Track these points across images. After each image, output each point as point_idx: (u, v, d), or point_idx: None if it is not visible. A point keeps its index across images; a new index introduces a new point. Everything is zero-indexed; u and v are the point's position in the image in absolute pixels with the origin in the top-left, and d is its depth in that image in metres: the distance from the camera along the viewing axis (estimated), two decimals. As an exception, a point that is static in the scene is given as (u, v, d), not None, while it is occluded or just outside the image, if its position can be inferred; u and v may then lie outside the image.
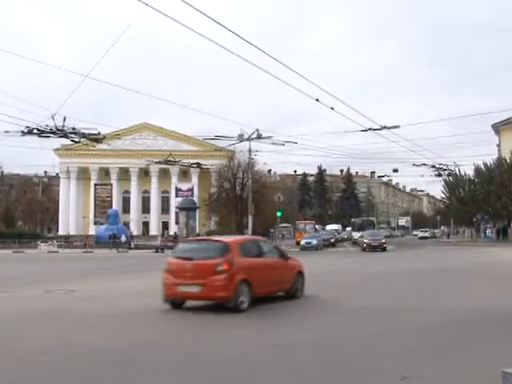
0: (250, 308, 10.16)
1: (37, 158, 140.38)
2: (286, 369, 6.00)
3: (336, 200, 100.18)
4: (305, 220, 65.91)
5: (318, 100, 18.97)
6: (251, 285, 10.30)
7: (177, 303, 10.61)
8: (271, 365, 6.23)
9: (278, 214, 50.29)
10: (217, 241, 11.35)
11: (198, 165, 38.33)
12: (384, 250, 37.39)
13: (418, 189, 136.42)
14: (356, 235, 51.38)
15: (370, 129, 23.77)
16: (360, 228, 53.44)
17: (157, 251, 40.88)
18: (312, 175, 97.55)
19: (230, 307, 9.93)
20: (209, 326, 8.85)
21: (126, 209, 72.55)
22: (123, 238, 47.49)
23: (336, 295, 12.57)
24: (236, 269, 10.16)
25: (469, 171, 56.82)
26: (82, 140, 22.46)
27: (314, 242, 41.51)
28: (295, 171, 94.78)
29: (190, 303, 10.77)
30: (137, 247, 44.95)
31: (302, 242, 42.02)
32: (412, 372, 5.62)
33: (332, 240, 48.19)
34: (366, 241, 39.00)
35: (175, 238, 49.18)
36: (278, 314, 10.04)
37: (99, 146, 41.07)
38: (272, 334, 8.05)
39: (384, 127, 23.51)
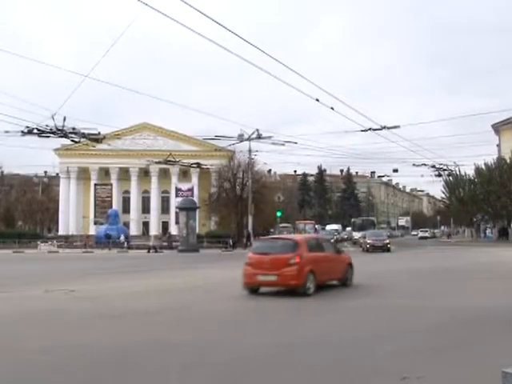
0: (315, 293, 12.41)
1: (37, 158, 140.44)
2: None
3: (336, 200, 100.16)
4: (305, 220, 65.88)
5: (317, 100, 18.99)
6: (315, 274, 12.58)
7: (253, 289, 12.92)
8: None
9: (278, 214, 50.30)
10: (288, 239, 14.23)
11: (198, 165, 38.34)
12: (388, 250, 35.64)
13: (418, 189, 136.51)
14: (356, 235, 50.81)
15: (369, 129, 23.81)
16: (360, 228, 53.19)
17: (149, 251, 40.76)
18: (312, 175, 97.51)
19: (300, 292, 12.16)
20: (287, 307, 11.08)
21: (126, 209, 72.52)
22: (122, 238, 47.54)
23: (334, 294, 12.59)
24: (304, 261, 12.46)
25: (469, 171, 56.90)
26: (82, 140, 22.49)
27: None
28: (295, 171, 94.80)
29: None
30: (129, 247, 44.87)
31: None
32: (412, 372, 5.62)
33: (331, 240, 47.39)
34: (368, 241, 37.09)
35: (169, 238, 49.32)
36: (335, 295, 12.76)
37: (99, 146, 41.09)
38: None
39: (384, 127, 23.55)
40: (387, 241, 37.80)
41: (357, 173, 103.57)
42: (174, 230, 61.91)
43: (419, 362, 6.15)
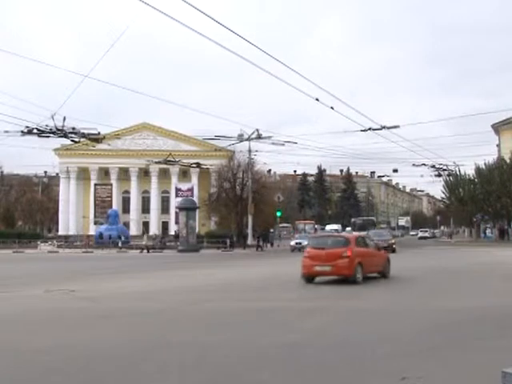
0: (362, 282, 14.80)
1: (37, 158, 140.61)
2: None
3: (336, 200, 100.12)
4: (304, 220, 65.92)
5: (317, 100, 19.01)
6: (363, 266, 14.98)
7: (309, 279, 15.16)
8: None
9: (278, 214, 50.29)
10: (341, 236, 18.04)
11: (198, 165, 38.35)
12: (393, 251, 32.56)
13: (418, 189, 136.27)
14: None
15: (369, 129, 23.82)
16: (361, 228, 52.76)
17: (142, 251, 40.74)
18: (312, 175, 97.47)
19: (351, 281, 14.49)
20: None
21: (126, 209, 72.53)
22: (121, 238, 47.57)
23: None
24: (354, 255, 14.74)
25: (469, 171, 56.89)
26: (82, 140, 22.53)
27: (305, 242, 39.57)
28: (295, 171, 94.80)
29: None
30: (129, 247, 44.90)
31: (292, 243, 40.27)
32: (412, 372, 5.62)
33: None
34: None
35: (162, 238, 49.37)
36: (379, 284, 15.30)
37: (99, 146, 41.13)
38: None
39: (384, 127, 23.56)
40: (392, 241, 36.51)
41: (357, 173, 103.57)
42: (170, 230, 62.05)
43: (419, 362, 6.15)
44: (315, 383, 5.62)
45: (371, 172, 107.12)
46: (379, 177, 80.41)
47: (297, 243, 39.45)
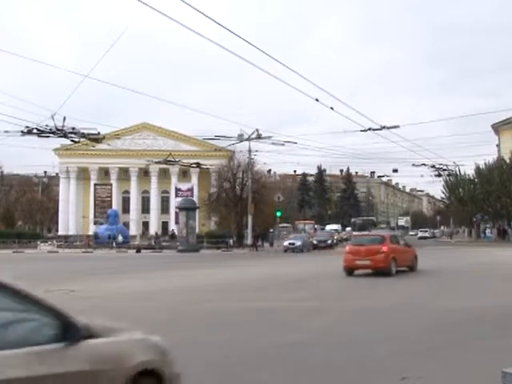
0: (395, 274, 17.12)
1: (37, 158, 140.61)
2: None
3: (336, 200, 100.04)
4: (304, 220, 65.87)
5: (317, 100, 19.01)
6: (396, 260, 17.34)
7: (350, 272, 17.46)
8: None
9: (278, 214, 50.19)
10: (378, 235, 20.89)
11: (198, 165, 38.35)
12: None
13: (418, 189, 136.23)
14: None
15: (369, 129, 23.81)
16: (361, 228, 52.47)
17: (138, 251, 40.73)
18: (312, 175, 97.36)
19: (386, 273, 16.77)
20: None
21: (126, 209, 72.49)
22: (120, 238, 47.63)
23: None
24: (389, 251, 17.23)
25: (469, 171, 56.87)
26: (82, 140, 22.55)
27: (298, 243, 38.55)
28: (295, 171, 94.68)
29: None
30: (128, 247, 44.99)
31: (285, 243, 39.59)
32: (412, 372, 5.62)
33: (329, 241, 44.72)
34: None
35: (157, 239, 49.41)
36: (410, 276, 17.66)
37: (99, 146, 41.11)
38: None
39: (384, 127, 23.55)
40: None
41: (356, 173, 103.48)
42: (161, 230, 61.97)
43: (419, 362, 6.15)
44: (316, 382, 5.63)
45: (371, 172, 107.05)
46: (379, 177, 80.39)
47: (290, 243, 38.94)
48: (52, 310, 3.29)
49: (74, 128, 20.36)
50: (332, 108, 19.98)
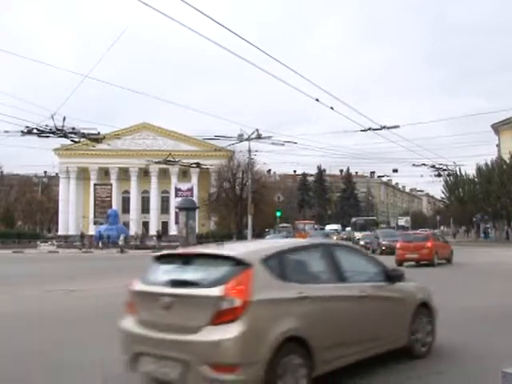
0: (437, 266, 21.12)
1: (37, 158, 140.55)
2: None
3: (336, 200, 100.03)
4: (304, 220, 65.85)
5: (317, 100, 18.95)
6: (438, 254, 21.79)
7: (400, 264, 20.39)
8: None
9: (278, 214, 50.21)
10: (422, 233, 25.97)
11: (198, 165, 38.26)
12: None
13: (418, 189, 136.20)
14: (358, 235, 48.85)
15: (369, 129, 23.73)
16: (362, 228, 51.91)
17: (122, 252, 40.89)
18: (311, 175, 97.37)
19: (430, 264, 20.94)
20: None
21: (126, 209, 72.49)
22: (121, 238, 47.63)
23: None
24: (433, 246, 21.79)
25: (469, 171, 56.85)
26: (82, 140, 22.47)
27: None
28: (295, 171, 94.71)
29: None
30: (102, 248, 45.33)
31: None
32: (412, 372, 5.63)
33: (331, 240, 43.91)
34: (384, 242, 32.07)
35: (142, 238, 49.57)
36: (449, 266, 21.79)
37: (99, 146, 41.02)
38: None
39: (384, 127, 23.47)
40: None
41: (356, 173, 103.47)
42: (170, 230, 62.01)
43: (419, 362, 6.15)
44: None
45: (371, 172, 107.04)
46: (379, 177, 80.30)
47: None
48: (382, 265, 6.29)
49: (73, 128, 20.31)
50: (332, 108, 19.93)
